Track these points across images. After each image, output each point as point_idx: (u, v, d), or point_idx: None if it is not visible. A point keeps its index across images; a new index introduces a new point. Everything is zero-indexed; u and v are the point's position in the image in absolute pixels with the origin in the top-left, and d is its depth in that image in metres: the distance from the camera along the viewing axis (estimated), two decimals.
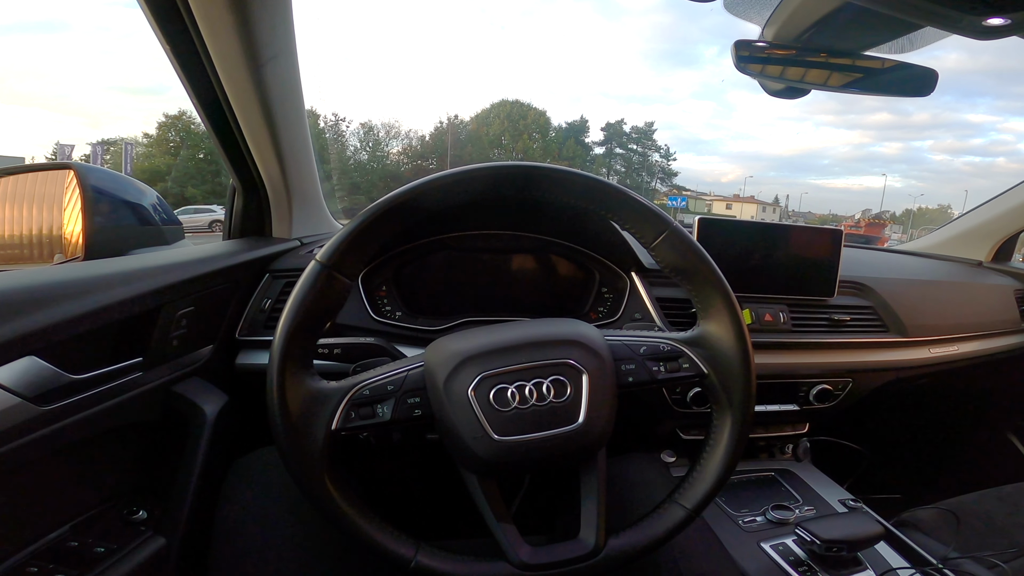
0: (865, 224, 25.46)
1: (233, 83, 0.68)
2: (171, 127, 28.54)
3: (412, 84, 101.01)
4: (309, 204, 0.94)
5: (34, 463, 0.49)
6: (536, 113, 46.93)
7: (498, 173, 0.50)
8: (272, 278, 0.80)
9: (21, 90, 78.90)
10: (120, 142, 25.55)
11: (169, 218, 0.88)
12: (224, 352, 0.76)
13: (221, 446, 0.68)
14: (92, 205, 0.74)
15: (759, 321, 0.94)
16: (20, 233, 0.81)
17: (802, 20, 0.57)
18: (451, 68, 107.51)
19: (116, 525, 0.60)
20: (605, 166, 48.56)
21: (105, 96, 79.94)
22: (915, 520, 0.90)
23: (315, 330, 0.49)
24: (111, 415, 0.56)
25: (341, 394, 0.48)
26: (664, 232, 0.53)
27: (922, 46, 0.62)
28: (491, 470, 0.50)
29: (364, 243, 0.48)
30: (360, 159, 40.98)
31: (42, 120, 77.45)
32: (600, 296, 0.91)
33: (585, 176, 0.52)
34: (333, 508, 0.48)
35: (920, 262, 1.31)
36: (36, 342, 0.47)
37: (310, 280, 0.47)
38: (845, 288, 1.03)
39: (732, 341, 0.53)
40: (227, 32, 0.60)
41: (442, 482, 0.92)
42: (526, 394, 0.48)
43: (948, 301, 1.14)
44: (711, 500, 0.54)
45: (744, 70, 0.62)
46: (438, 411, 0.49)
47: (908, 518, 0.91)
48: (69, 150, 22.54)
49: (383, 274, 0.84)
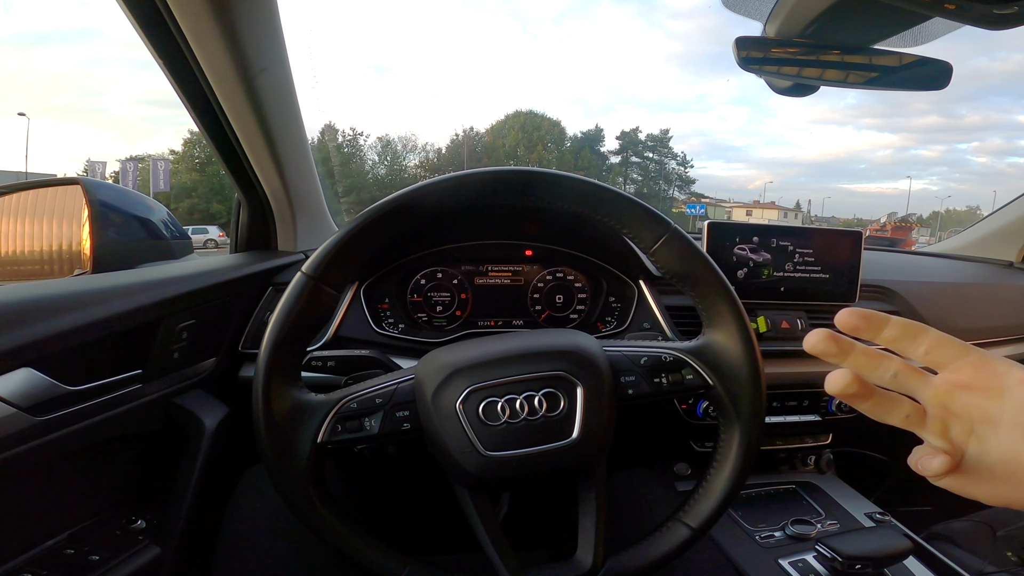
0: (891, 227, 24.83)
1: (227, 96, 0.68)
2: (196, 143, 29.52)
3: (431, 96, 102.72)
4: (313, 216, 0.95)
5: (31, 472, 0.50)
6: (550, 123, 47.31)
7: (486, 179, 0.49)
8: (275, 291, 0.80)
9: (58, 102, 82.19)
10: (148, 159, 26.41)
11: (179, 233, 0.90)
12: (227, 364, 0.76)
13: (220, 457, 0.68)
14: (99, 220, 0.75)
15: (775, 329, 0.90)
16: (40, 248, 0.83)
17: (804, 14, 0.55)
18: (472, 79, 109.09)
19: (115, 534, 0.61)
20: (621, 175, 48.45)
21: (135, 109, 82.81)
22: (948, 533, 0.85)
23: (302, 342, 0.48)
24: (110, 426, 0.57)
25: (328, 407, 0.47)
26: (663, 236, 0.50)
27: (932, 39, 0.59)
28: (482, 485, 0.48)
29: (350, 254, 0.47)
30: (378, 173, 41.69)
31: (77, 134, 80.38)
32: (608, 306, 0.89)
33: (578, 179, 0.50)
34: (318, 522, 0.47)
35: (947, 264, 1.26)
36: (32, 353, 0.48)
37: (296, 292, 0.46)
38: (868, 292, 0.99)
39: (739, 350, 0.51)
40: (215, 45, 0.61)
41: (437, 497, 0.91)
42: (517, 408, 0.47)
43: (978, 303, 1.09)
44: (718, 518, 0.51)
45: (748, 68, 0.60)
46: (427, 425, 0.48)
47: (941, 531, 0.86)
48: (101, 168, 23.35)
49: (385, 286, 0.84)
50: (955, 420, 0.31)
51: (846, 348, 0.31)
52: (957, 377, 0.30)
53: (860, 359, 0.31)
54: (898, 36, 0.62)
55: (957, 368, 0.30)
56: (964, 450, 0.31)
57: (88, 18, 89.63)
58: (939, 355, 0.31)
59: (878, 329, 0.31)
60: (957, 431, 0.31)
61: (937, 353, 0.31)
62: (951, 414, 0.31)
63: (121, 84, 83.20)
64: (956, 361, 0.31)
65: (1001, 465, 0.29)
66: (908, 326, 0.31)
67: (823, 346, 0.31)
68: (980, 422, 0.30)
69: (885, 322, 0.31)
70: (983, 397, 0.30)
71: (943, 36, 0.61)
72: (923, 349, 0.31)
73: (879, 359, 0.31)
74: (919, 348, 0.31)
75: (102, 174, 20.81)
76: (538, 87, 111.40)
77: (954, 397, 0.30)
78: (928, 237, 30.85)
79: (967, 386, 0.30)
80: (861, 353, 0.31)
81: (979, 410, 0.30)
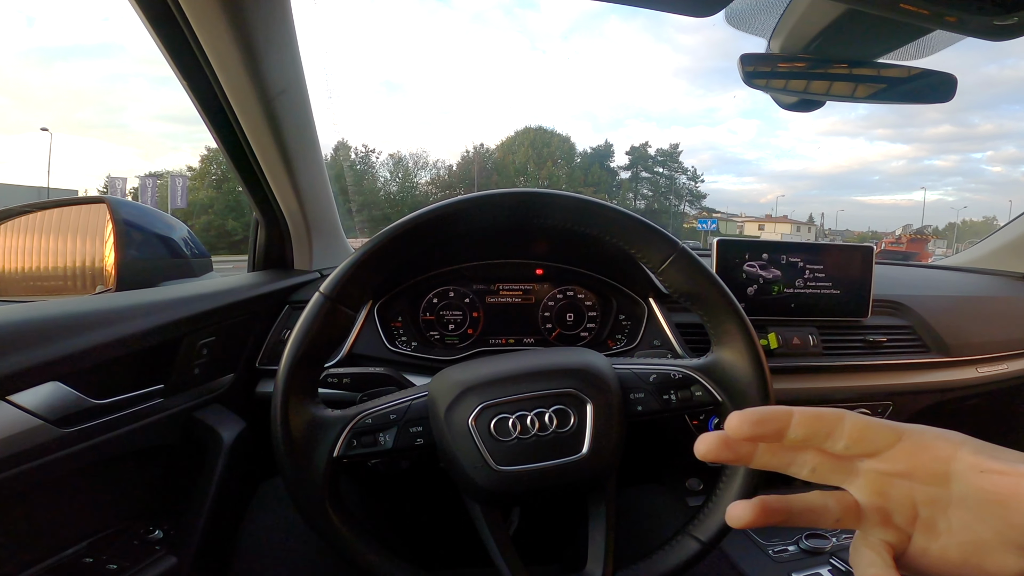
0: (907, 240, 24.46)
1: (247, 118, 0.70)
2: (213, 160, 30.13)
3: (442, 112, 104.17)
4: (329, 235, 0.97)
5: (54, 482, 0.51)
6: (560, 139, 47.63)
7: (494, 201, 0.51)
8: (291, 309, 0.82)
9: (79, 118, 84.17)
10: (167, 175, 26.97)
11: (199, 251, 0.92)
12: (245, 380, 0.78)
13: (237, 470, 0.69)
14: (123, 238, 0.77)
15: (787, 345, 0.90)
16: (64, 265, 0.86)
17: (808, 30, 0.56)
18: (482, 95, 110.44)
19: (132, 543, 0.62)
20: (631, 191, 48.53)
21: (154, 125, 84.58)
22: None
23: (319, 360, 0.49)
24: (132, 438, 0.58)
25: (344, 422, 0.48)
26: (670, 256, 0.52)
27: (935, 51, 0.60)
28: (493, 500, 0.49)
29: (366, 275, 0.49)
30: (390, 191, 42.16)
31: (98, 149, 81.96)
32: (618, 323, 0.89)
33: (584, 200, 0.52)
34: (333, 535, 0.48)
35: (962, 277, 1.25)
36: (60, 368, 0.49)
37: (313, 312, 0.48)
38: (880, 307, 0.98)
39: (747, 367, 0.52)
40: (237, 68, 0.63)
41: (449, 511, 0.91)
42: (528, 424, 0.48)
43: (994, 317, 1.07)
44: (727, 532, 0.51)
45: (753, 85, 0.62)
46: (440, 440, 0.49)
47: None
48: (121, 184, 23.74)
49: (398, 305, 0.86)
50: (896, 508, 0.27)
51: (744, 454, 0.28)
52: (891, 467, 0.27)
53: (767, 459, 0.28)
54: (901, 49, 0.63)
55: (890, 458, 0.27)
56: (911, 536, 0.27)
57: (110, 33, 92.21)
58: (864, 447, 0.27)
59: (779, 431, 0.27)
60: (900, 519, 0.27)
61: (861, 446, 0.27)
62: (890, 501, 0.27)
63: (141, 100, 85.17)
64: (887, 451, 0.27)
65: (955, 549, 0.26)
66: (818, 420, 0.27)
67: (715, 454, 0.28)
68: (925, 506, 0.27)
69: (787, 420, 0.27)
70: (926, 484, 0.26)
71: (946, 48, 0.62)
72: (842, 444, 0.27)
73: (791, 455, 0.28)
74: (837, 444, 0.27)
75: (122, 190, 21.20)
76: (547, 103, 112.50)
77: (891, 486, 0.27)
78: (945, 249, 30.30)
79: (906, 475, 0.27)
80: (767, 453, 0.28)
81: (923, 495, 0.27)
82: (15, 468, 0.46)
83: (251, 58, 0.63)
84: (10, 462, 0.45)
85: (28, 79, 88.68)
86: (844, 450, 0.27)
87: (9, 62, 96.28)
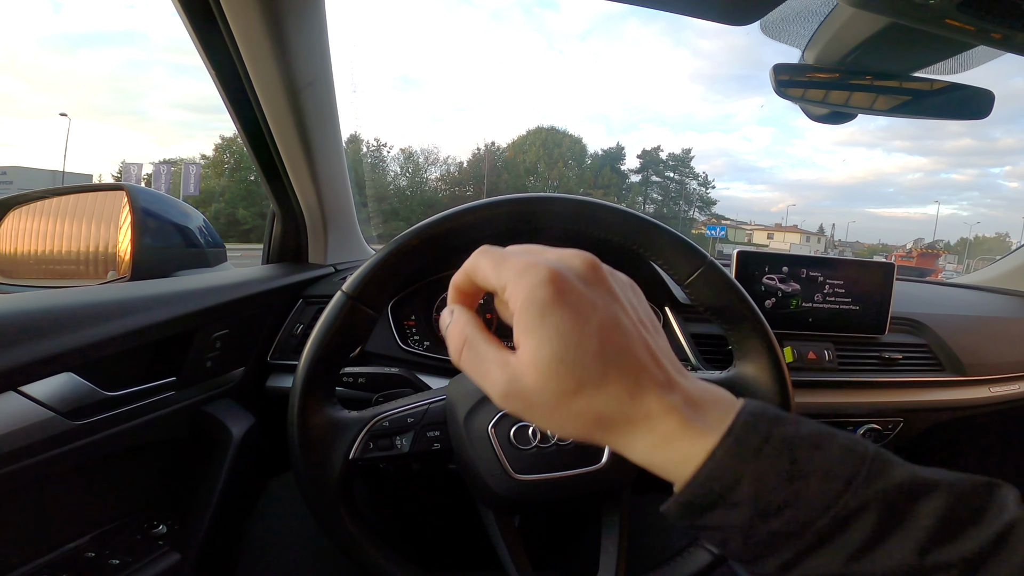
0: (917, 254, 24.23)
1: (273, 109, 0.70)
2: (226, 149, 30.29)
3: (454, 109, 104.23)
4: (345, 230, 0.96)
5: (63, 474, 0.50)
6: (572, 140, 47.49)
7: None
8: (305, 304, 0.82)
9: (98, 103, 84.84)
10: (180, 162, 27.10)
11: (214, 241, 0.92)
12: (255, 374, 0.77)
13: (246, 466, 0.69)
14: (141, 226, 0.77)
15: (802, 359, 0.89)
16: (76, 249, 0.86)
17: (845, 42, 0.55)
18: (495, 93, 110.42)
19: (136, 538, 0.61)
20: (641, 194, 48.34)
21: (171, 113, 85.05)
22: None
23: (339, 360, 0.49)
24: (142, 432, 0.58)
25: (361, 424, 0.48)
26: (700, 268, 0.50)
27: (975, 66, 0.58)
28: (509, 507, 0.49)
29: (390, 275, 0.48)
30: (399, 185, 42.24)
31: (114, 135, 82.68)
32: None
33: (615, 209, 0.51)
34: (344, 536, 0.47)
35: (979, 296, 1.23)
36: (73, 359, 0.49)
37: (335, 311, 0.47)
38: (898, 325, 0.97)
39: (771, 385, 0.50)
40: (266, 57, 0.62)
41: (459, 514, 0.90)
42: (548, 433, 0.47)
43: (1009, 337, 1.05)
44: None
45: (784, 95, 0.60)
46: (457, 446, 0.48)
47: None
48: (136, 169, 23.94)
49: (412, 304, 0.85)
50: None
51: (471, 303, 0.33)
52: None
53: (506, 314, 0.32)
54: (937, 64, 0.61)
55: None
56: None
57: (134, 20, 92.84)
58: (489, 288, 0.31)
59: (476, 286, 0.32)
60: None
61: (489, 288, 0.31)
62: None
63: (160, 88, 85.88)
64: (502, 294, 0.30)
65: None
66: (472, 271, 0.32)
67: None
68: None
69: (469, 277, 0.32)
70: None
71: (986, 63, 0.61)
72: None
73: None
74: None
75: (137, 176, 21.37)
76: (561, 103, 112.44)
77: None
78: (956, 264, 29.96)
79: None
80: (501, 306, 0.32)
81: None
82: (22, 462, 0.45)
83: (281, 49, 0.62)
84: (18, 455, 0.44)
85: (51, 65, 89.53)
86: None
87: (33, 48, 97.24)
